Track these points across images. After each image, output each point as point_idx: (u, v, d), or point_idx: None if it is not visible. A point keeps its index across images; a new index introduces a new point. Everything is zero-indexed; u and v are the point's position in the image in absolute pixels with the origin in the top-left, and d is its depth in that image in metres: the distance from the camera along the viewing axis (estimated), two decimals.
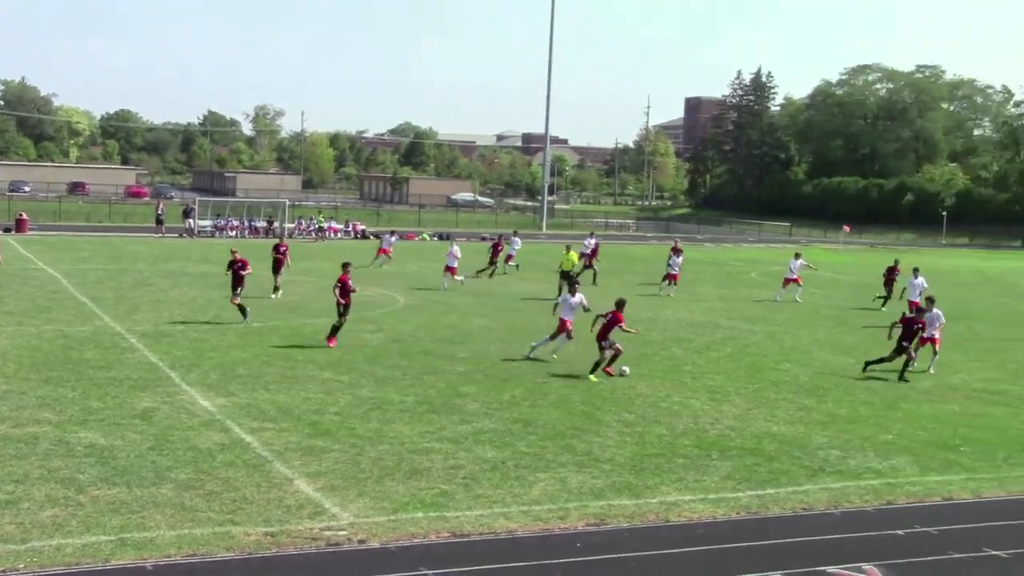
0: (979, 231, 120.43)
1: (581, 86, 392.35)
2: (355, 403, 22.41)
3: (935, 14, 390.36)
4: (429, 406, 22.39)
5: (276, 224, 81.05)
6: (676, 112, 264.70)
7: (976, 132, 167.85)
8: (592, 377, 26.21)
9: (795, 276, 46.41)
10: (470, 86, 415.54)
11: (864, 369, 28.20)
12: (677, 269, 47.87)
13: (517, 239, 56.59)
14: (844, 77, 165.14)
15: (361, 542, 14.23)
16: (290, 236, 75.57)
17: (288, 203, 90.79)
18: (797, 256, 48.45)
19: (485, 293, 44.12)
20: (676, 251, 49.47)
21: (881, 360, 28.28)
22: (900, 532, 15.49)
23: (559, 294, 41.76)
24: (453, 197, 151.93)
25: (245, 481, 16.53)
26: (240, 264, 32.98)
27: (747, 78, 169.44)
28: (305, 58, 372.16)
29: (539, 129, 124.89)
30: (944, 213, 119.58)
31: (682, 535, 15.04)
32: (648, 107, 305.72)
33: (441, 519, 15.19)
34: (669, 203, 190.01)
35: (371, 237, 78.60)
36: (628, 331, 27.40)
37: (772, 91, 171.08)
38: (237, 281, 32.98)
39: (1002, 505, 17.28)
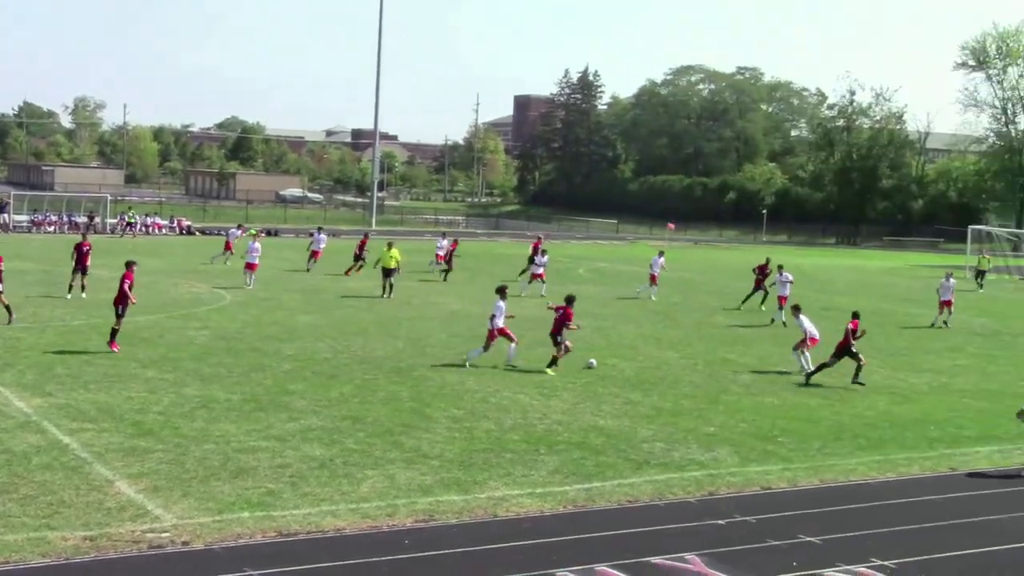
0: (796, 228, 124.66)
1: (411, 82, 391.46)
2: (180, 402, 21.93)
3: (754, 17, 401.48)
4: (256, 404, 22.05)
5: (97, 220, 78.80)
6: (505, 110, 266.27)
7: (793, 133, 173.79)
8: (549, 371, 27.23)
9: (655, 272, 47.96)
10: (299, 81, 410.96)
11: (806, 381, 27.77)
12: (542, 269, 47.89)
13: (443, 240, 56.47)
14: (669, 77, 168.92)
15: (185, 544, 13.93)
16: (112, 232, 73.63)
17: (110, 198, 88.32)
18: (661, 254, 50.06)
19: (312, 290, 43.69)
20: (539, 250, 50.21)
21: (821, 367, 27.86)
22: (721, 522, 15.88)
23: (383, 292, 41.70)
24: (282, 193, 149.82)
25: (63, 484, 16.01)
26: None
27: (575, 77, 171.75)
28: (128, 49, 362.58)
29: (369, 125, 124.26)
30: (764, 211, 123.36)
31: (510, 530, 15.14)
32: (477, 104, 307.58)
33: (268, 518, 14.98)
34: (499, 200, 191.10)
35: (271, 234, 76.90)
36: (572, 328, 28.20)
37: (599, 90, 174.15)
38: None
39: (816, 493, 17.87)
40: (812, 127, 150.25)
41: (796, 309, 30.45)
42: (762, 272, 45.75)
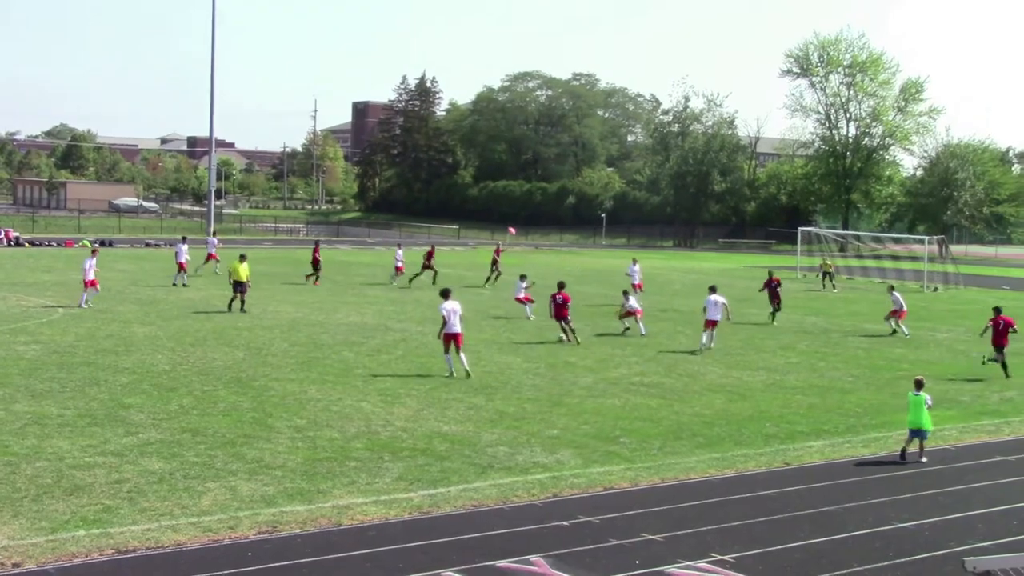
0: (635, 232, 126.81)
1: (248, 88, 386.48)
2: (9, 419, 21.22)
3: (589, 24, 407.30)
4: (91, 419, 21.47)
5: None
6: (344, 116, 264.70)
7: (629, 138, 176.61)
8: (578, 340, 34.56)
9: (638, 282, 50.36)
10: (131, 87, 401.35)
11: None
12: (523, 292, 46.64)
13: (400, 251, 58.74)
14: (506, 84, 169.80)
15: (16, 565, 13.49)
16: None
17: None
18: (635, 261, 53.48)
19: (149, 301, 42.72)
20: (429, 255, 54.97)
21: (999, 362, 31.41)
22: (565, 523, 16.06)
23: (237, 306, 40.35)
24: (115, 202, 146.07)
25: None
26: None
27: (412, 83, 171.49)
28: None
29: (204, 132, 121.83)
30: (603, 215, 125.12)
31: (355, 538, 15.06)
32: (315, 111, 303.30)
33: (105, 536, 14.61)
34: (339, 207, 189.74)
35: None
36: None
37: (437, 96, 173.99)
38: None
39: (658, 491, 18.22)
40: (648, 132, 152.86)
41: (891, 288, 39.06)
42: (768, 286, 44.83)
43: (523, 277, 43.93)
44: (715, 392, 27.48)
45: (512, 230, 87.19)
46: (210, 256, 55.56)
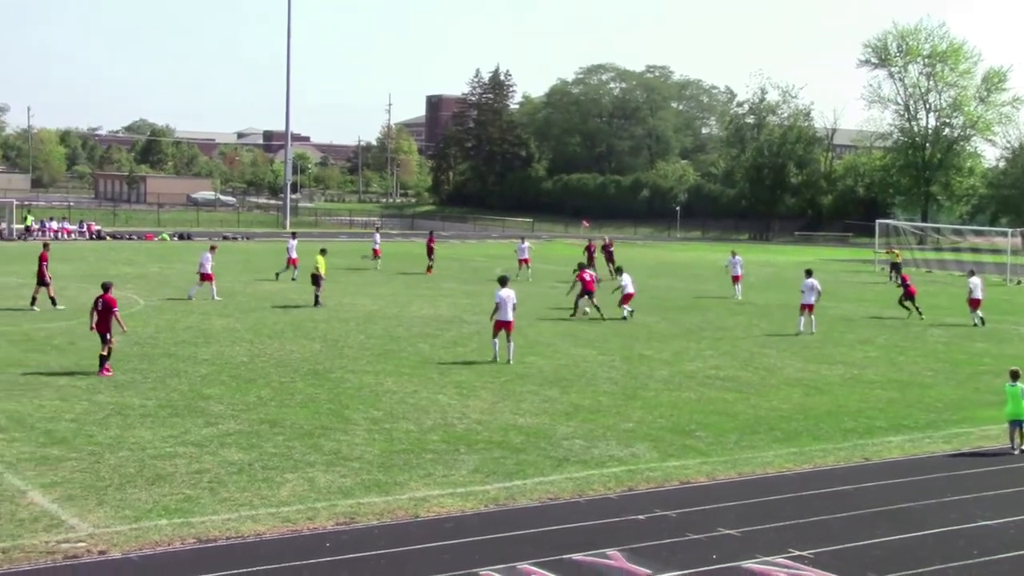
0: (709, 225, 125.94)
1: (323, 83, 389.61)
2: (93, 409, 21.59)
3: (663, 15, 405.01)
4: (172, 410, 21.79)
5: (4, 225, 77.38)
6: (418, 110, 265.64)
7: (704, 130, 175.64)
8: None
9: (738, 273, 49.71)
10: (209, 82, 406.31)
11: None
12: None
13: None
14: (580, 76, 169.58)
15: (101, 553, 13.72)
16: (17, 238, 72.43)
17: (16, 203, 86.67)
18: (734, 254, 51.24)
19: (227, 293, 43.20)
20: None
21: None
22: (641, 517, 16.00)
23: (316, 302, 40.25)
24: (193, 196, 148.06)
25: None
26: None
27: (486, 77, 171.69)
28: (29, 51, 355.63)
29: (280, 126, 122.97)
30: (677, 208, 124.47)
31: (431, 530, 15.12)
32: (390, 104, 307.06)
33: (186, 525, 14.81)
34: (414, 200, 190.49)
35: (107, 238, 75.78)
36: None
37: (511, 89, 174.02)
38: None
39: (734, 486, 18.08)
40: (723, 124, 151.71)
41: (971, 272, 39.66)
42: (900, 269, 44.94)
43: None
44: (792, 386, 27.22)
45: (586, 223, 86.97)
46: (291, 261, 50.65)
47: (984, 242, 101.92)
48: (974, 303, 41.11)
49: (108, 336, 25.51)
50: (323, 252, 42.77)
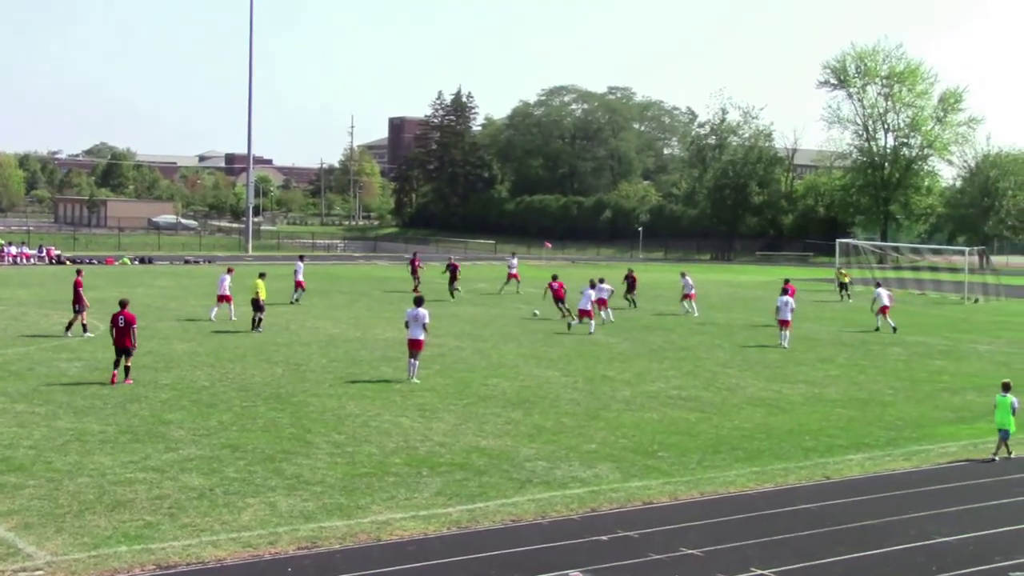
0: (672, 245, 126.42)
1: (285, 105, 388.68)
2: (52, 435, 21.41)
3: (624, 37, 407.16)
4: (132, 435, 21.63)
5: None
6: (381, 132, 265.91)
7: (666, 151, 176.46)
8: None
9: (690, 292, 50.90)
10: (170, 105, 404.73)
11: None
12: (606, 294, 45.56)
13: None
14: (542, 98, 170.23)
15: None
16: None
17: None
18: (684, 274, 52.92)
19: (189, 318, 42.95)
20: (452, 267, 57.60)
21: None
22: (604, 538, 16.02)
23: (255, 326, 39.63)
24: (155, 219, 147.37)
25: None
26: None
27: (448, 99, 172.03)
28: None
29: (242, 149, 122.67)
30: (640, 228, 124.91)
31: (394, 553, 15.07)
32: (352, 127, 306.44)
33: (146, 551, 14.69)
34: (376, 222, 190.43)
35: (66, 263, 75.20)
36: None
37: (473, 111, 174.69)
38: None
39: (697, 506, 18.13)
40: (685, 145, 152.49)
41: (877, 284, 39.21)
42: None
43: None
44: (754, 405, 27.34)
45: (548, 244, 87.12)
46: (298, 283, 51.71)
47: (942, 261, 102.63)
48: (884, 310, 44.63)
49: (132, 349, 27.45)
50: (262, 276, 41.50)
